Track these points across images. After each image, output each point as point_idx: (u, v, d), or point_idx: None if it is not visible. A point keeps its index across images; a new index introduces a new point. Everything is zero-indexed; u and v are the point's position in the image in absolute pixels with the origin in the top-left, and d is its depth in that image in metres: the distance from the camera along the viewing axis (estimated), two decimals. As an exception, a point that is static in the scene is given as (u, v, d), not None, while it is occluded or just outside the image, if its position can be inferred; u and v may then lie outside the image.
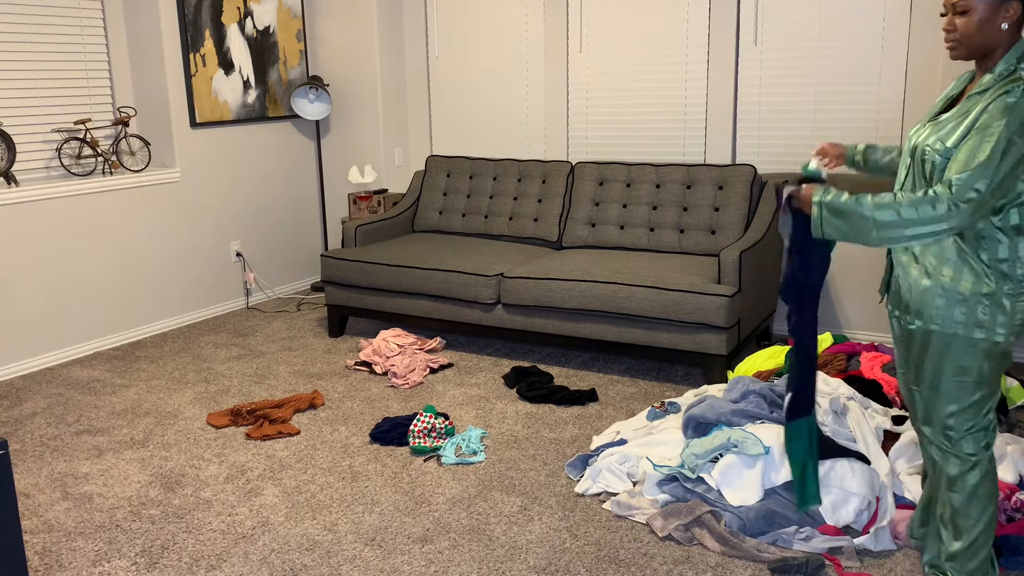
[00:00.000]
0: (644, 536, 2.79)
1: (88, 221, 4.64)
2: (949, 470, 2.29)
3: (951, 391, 2.23)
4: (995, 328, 2.14)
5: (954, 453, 2.27)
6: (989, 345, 2.16)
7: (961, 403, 2.23)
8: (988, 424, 2.26)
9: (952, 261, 2.16)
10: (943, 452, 2.29)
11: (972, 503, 2.29)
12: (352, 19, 5.66)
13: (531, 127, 5.49)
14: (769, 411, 3.07)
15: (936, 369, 2.23)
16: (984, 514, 2.29)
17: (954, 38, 2.15)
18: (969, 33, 2.12)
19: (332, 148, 5.95)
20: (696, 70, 4.91)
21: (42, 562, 2.71)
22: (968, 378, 2.20)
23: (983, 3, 2.09)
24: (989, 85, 2.10)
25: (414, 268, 4.53)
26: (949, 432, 2.26)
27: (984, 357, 2.18)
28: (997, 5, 2.08)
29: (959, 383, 2.21)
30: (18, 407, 3.98)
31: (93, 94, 4.85)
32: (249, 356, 4.63)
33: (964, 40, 2.13)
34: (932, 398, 2.27)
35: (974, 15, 2.10)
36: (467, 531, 2.85)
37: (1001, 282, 2.13)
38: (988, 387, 2.22)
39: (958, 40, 2.14)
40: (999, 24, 2.09)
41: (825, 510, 2.75)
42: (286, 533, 2.86)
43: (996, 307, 2.13)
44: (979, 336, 2.16)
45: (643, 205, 4.69)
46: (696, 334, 3.92)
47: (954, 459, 2.28)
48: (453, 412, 3.82)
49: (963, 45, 2.14)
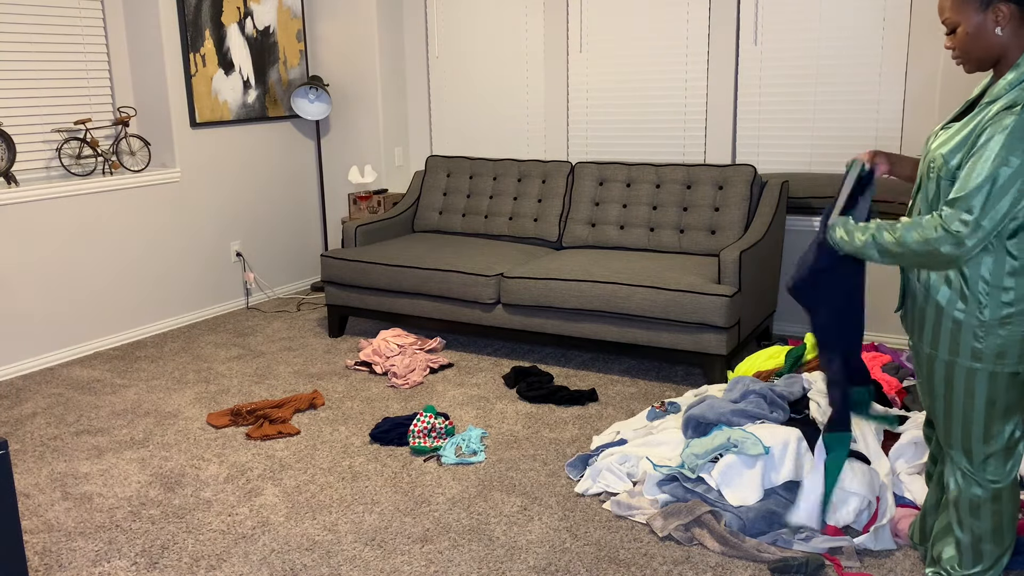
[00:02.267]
0: (644, 536, 2.79)
1: (88, 221, 4.64)
2: (971, 494, 2.22)
3: (964, 415, 2.16)
4: (991, 356, 2.08)
5: (975, 479, 2.21)
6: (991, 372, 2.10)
7: (977, 427, 2.15)
8: (1010, 446, 2.17)
9: (952, 285, 2.10)
10: (965, 476, 2.23)
11: (994, 530, 2.22)
12: (352, 19, 5.66)
13: (531, 127, 5.49)
14: (769, 411, 3.07)
15: (947, 394, 2.17)
16: (1001, 544, 2.23)
17: (956, 55, 2.10)
18: (965, 48, 2.06)
19: (332, 148, 5.95)
20: (696, 70, 4.91)
21: (42, 562, 2.71)
22: (978, 403, 2.13)
23: (965, 16, 2.04)
24: (1000, 94, 2.01)
25: (414, 268, 4.53)
26: (969, 456, 2.20)
27: (991, 383, 2.11)
28: (980, 14, 2.01)
29: (969, 407, 2.14)
30: (18, 407, 3.98)
31: (93, 94, 4.85)
32: (249, 356, 4.63)
33: (964, 55, 2.08)
34: (947, 422, 2.21)
35: (963, 29, 2.05)
36: (467, 531, 2.85)
37: (996, 309, 2.06)
38: (1004, 412, 2.14)
39: (960, 56, 2.09)
40: (993, 31, 2.02)
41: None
42: (286, 533, 2.86)
43: (990, 335, 2.07)
44: (978, 366, 2.10)
45: (643, 205, 4.69)
46: (696, 334, 3.92)
47: (975, 484, 2.22)
48: (453, 412, 3.82)
49: (967, 60, 2.09)
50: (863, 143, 4.54)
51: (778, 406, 3.11)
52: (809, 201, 4.54)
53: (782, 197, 4.41)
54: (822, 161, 4.68)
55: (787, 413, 3.10)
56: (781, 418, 3.06)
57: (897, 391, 3.39)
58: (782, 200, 4.41)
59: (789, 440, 2.84)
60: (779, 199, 4.38)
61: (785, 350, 3.82)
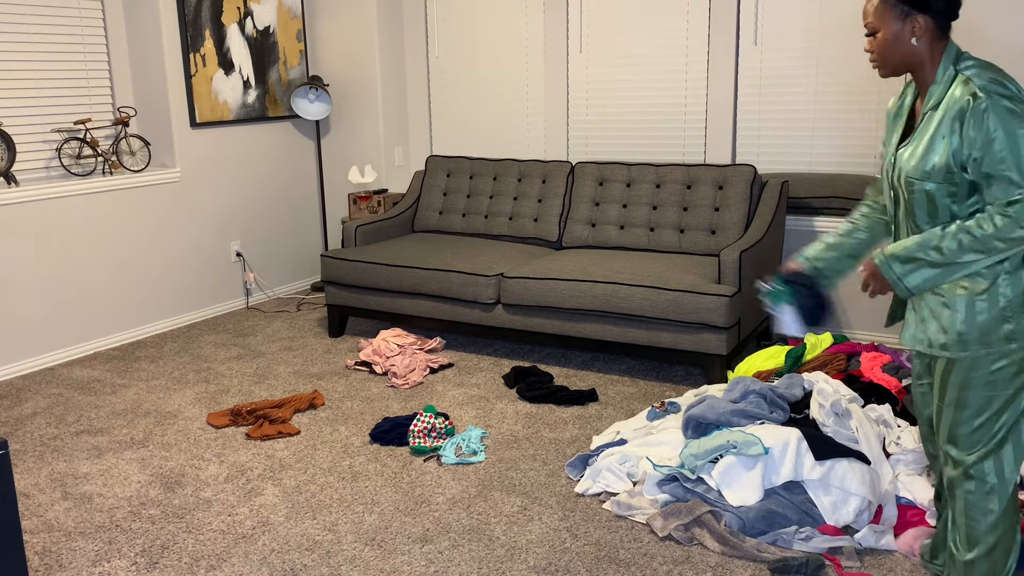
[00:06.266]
0: (644, 536, 2.79)
1: (88, 221, 4.64)
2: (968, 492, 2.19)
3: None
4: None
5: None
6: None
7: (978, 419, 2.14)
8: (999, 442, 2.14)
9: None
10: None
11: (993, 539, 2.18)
12: (352, 19, 5.66)
13: (531, 127, 5.49)
14: (769, 411, 3.07)
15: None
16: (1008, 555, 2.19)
17: (873, 59, 2.15)
18: (882, 52, 2.11)
19: (332, 148, 5.95)
20: (696, 70, 4.91)
21: (42, 562, 2.71)
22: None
23: (885, 23, 2.08)
24: (940, 97, 2.05)
25: (414, 268, 4.53)
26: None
27: None
28: (900, 23, 2.06)
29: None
30: (18, 407, 3.98)
31: (93, 94, 4.85)
32: (249, 356, 4.63)
33: (880, 60, 2.13)
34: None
35: (881, 35, 2.09)
36: (467, 531, 2.85)
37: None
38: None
39: (876, 60, 2.14)
40: (909, 40, 2.06)
41: (825, 510, 2.75)
42: (286, 533, 2.86)
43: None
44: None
45: (643, 205, 4.69)
46: (696, 334, 3.92)
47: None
48: (453, 412, 3.82)
49: (882, 64, 2.13)
50: (863, 143, 4.54)
51: (778, 406, 3.11)
52: (809, 201, 4.54)
53: (782, 197, 4.41)
54: (822, 161, 4.68)
55: (787, 413, 3.10)
56: (781, 418, 3.07)
57: (897, 391, 3.39)
58: (782, 200, 4.41)
59: (789, 440, 2.84)
60: (779, 199, 4.38)
61: (785, 350, 3.82)
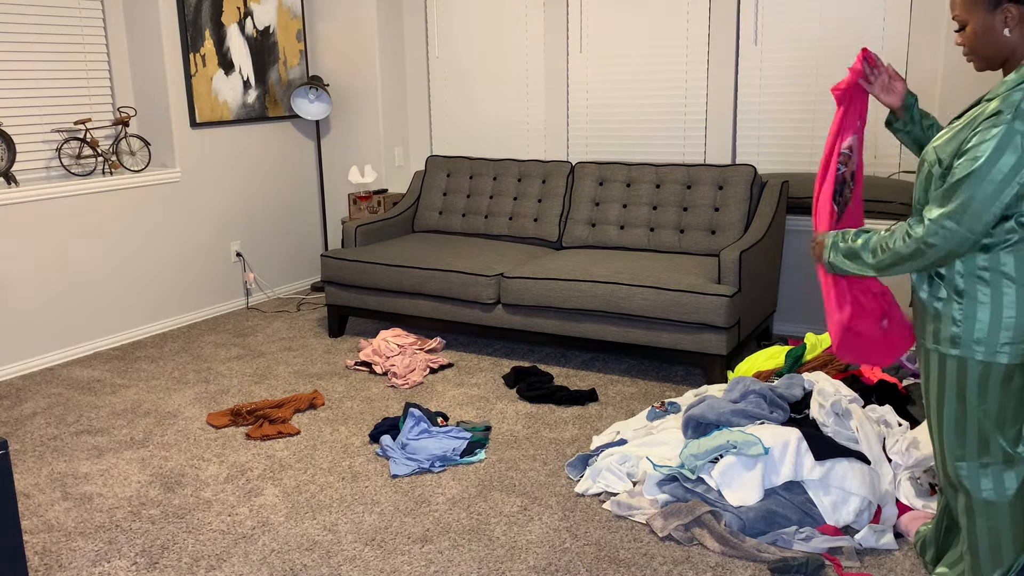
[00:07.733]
0: (644, 536, 2.79)
1: (88, 221, 4.64)
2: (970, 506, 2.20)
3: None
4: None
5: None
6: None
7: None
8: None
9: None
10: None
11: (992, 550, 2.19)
12: (352, 19, 5.66)
13: (531, 127, 5.49)
14: (769, 411, 3.07)
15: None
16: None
17: (965, 52, 2.11)
18: (974, 46, 2.07)
19: (332, 148, 5.95)
20: (696, 70, 4.91)
21: (42, 562, 2.71)
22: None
23: (974, 15, 2.04)
24: (997, 92, 2.00)
25: (414, 268, 4.53)
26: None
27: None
28: (990, 14, 2.02)
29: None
30: (18, 407, 3.98)
31: (93, 94, 4.85)
32: (249, 356, 4.63)
33: (973, 53, 2.09)
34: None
35: (971, 28, 2.06)
36: (467, 531, 2.85)
37: None
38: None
39: (969, 54, 2.10)
40: (1001, 31, 2.01)
41: (825, 510, 2.75)
42: (286, 533, 2.86)
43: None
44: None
45: (643, 205, 4.69)
46: (696, 334, 3.92)
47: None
48: (453, 412, 3.82)
49: (976, 57, 2.09)
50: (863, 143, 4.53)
51: (778, 406, 3.11)
52: (809, 201, 4.54)
53: (782, 197, 4.41)
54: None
55: (787, 413, 3.10)
56: (781, 418, 3.06)
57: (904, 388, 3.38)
58: (782, 200, 4.41)
59: (789, 440, 2.84)
60: (779, 199, 4.38)
61: (785, 350, 3.82)
